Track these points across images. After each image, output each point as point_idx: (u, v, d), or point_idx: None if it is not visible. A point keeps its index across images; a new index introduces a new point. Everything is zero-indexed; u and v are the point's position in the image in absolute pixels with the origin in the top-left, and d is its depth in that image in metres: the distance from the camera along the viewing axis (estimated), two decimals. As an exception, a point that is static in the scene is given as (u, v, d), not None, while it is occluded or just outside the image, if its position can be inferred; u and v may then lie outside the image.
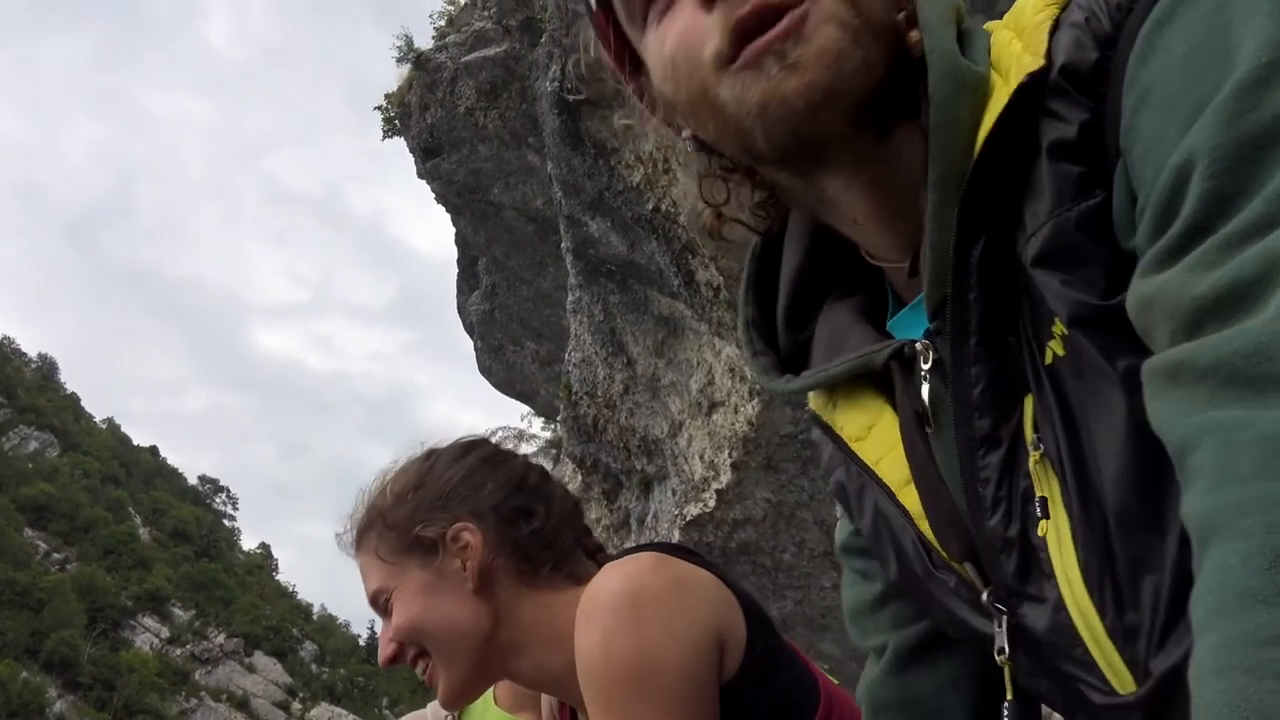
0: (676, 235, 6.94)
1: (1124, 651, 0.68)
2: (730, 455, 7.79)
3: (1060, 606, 0.71)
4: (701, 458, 8.31)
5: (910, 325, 0.82)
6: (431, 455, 1.41)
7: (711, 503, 8.23)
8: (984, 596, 0.77)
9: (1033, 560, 0.73)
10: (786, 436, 7.48)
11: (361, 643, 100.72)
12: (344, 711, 79.53)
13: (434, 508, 1.33)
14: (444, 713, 1.93)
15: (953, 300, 0.72)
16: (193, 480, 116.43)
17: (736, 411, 7.61)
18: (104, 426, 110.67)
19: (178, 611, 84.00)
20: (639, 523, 9.67)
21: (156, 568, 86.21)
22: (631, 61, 0.93)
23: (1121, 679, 0.69)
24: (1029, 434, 0.72)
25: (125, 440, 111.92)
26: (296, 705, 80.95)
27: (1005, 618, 0.76)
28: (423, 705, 2.12)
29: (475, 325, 15.57)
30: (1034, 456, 0.71)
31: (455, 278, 16.32)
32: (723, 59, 0.75)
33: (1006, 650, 0.76)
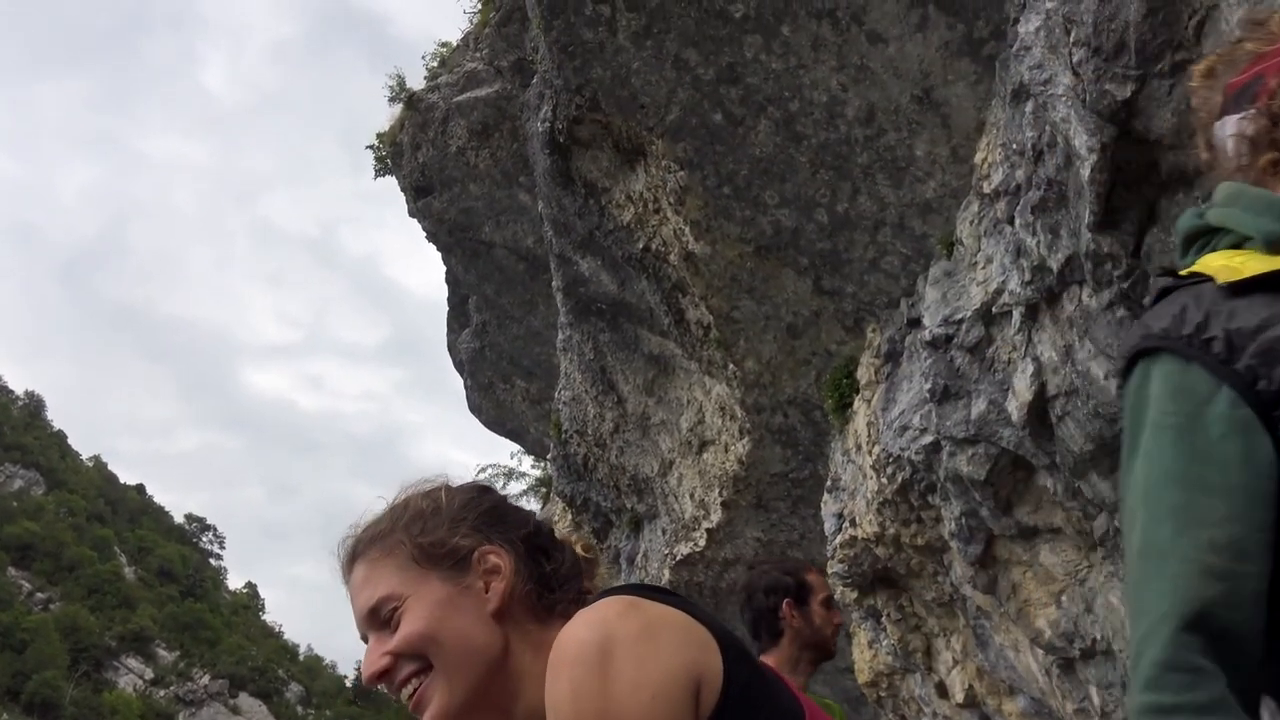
0: (667, 274, 6.98)
1: None
2: (721, 494, 7.77)
3: None
4: (692, 496, 8.29)
5: None
6: (452, 486, 1.40)
7: (702, 542, 8.20)
8: None
9: None
10: (777, 475, 7.47)
11: (348, 683, 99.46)
12: (330, 754, 78.37)
13: (469, 525, 1.32)
14: None
15: None
16: (179, 519, 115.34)
17: (727, 450, 7.60)
18: (90, 464, 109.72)
19: (162, 652, 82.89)
20: (629, 561, 9.62)
21: (141, 607, 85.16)
22: None
23: None
24: None
25: (111, 478, 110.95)
26: (281, 748, 79.76)
27: None
28: None
29: (465, 363, 15.56)
30: None
31: (446, 316, 16.34)
32: None
33: None
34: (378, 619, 1.31)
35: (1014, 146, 4.46)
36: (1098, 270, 3.97)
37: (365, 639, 1.34)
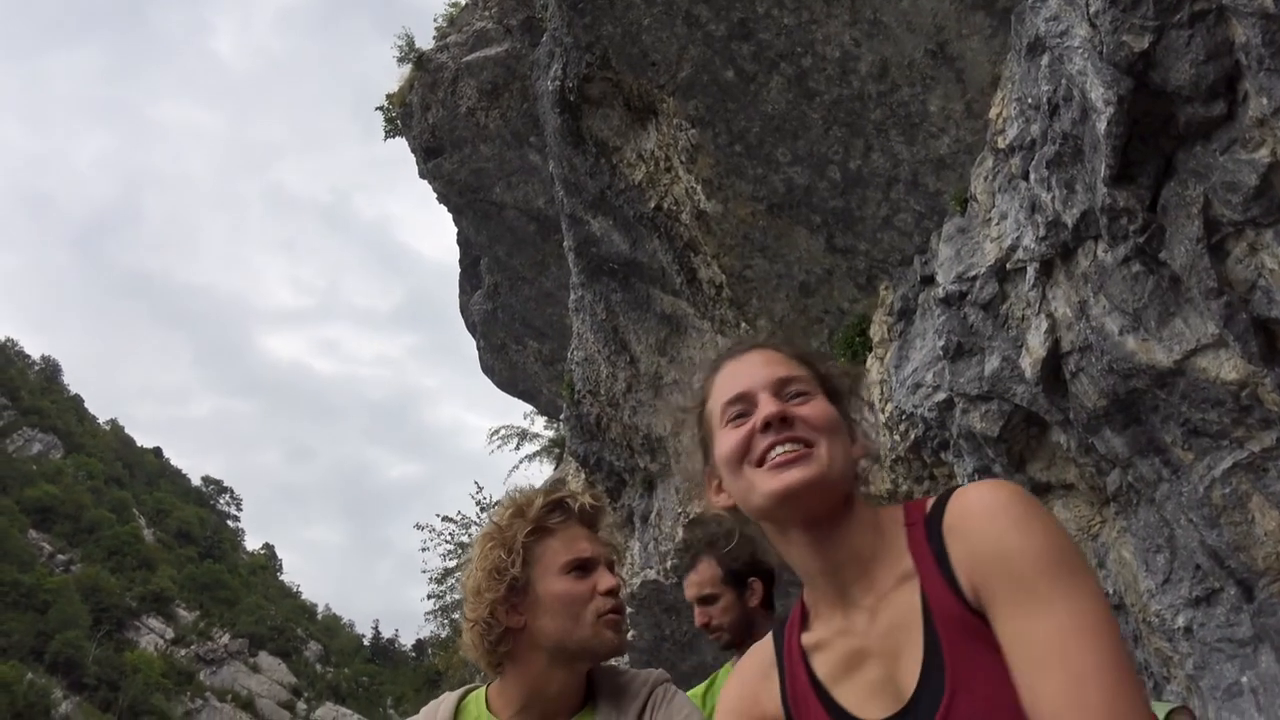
0: (678, 233, 6.95)
1: None
2: (733, 453, 7.80)
3: None
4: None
5: None
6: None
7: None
8: None
9: None
10: (789, 434, 7.49)
11: (365, 642, 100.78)
12: (349, 711, 79.56)
13: (846, 386, 1.56)
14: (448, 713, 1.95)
15: None
16: (196, 481, 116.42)
17: (739, 409, 7.62)
18: (107, 428, 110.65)
19: (182, 612, 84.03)
20: (642, 520, 9.68)
21: (160, 568, 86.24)
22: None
23: None
24: None
25: (129, 442, 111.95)
26: (301, 705, 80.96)
27: None
28: (426, 703, 2.13)
29: (477, 325, 15.58)
30: None
31: (458, 278, 16.34)
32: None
33: None
34: (784, 389, 1.50)
35: (1029, 100, 4.41)
36: (1113, 225, 3.94)
37: (747, 398, 1.52)
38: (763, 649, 1.58)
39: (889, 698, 1.32)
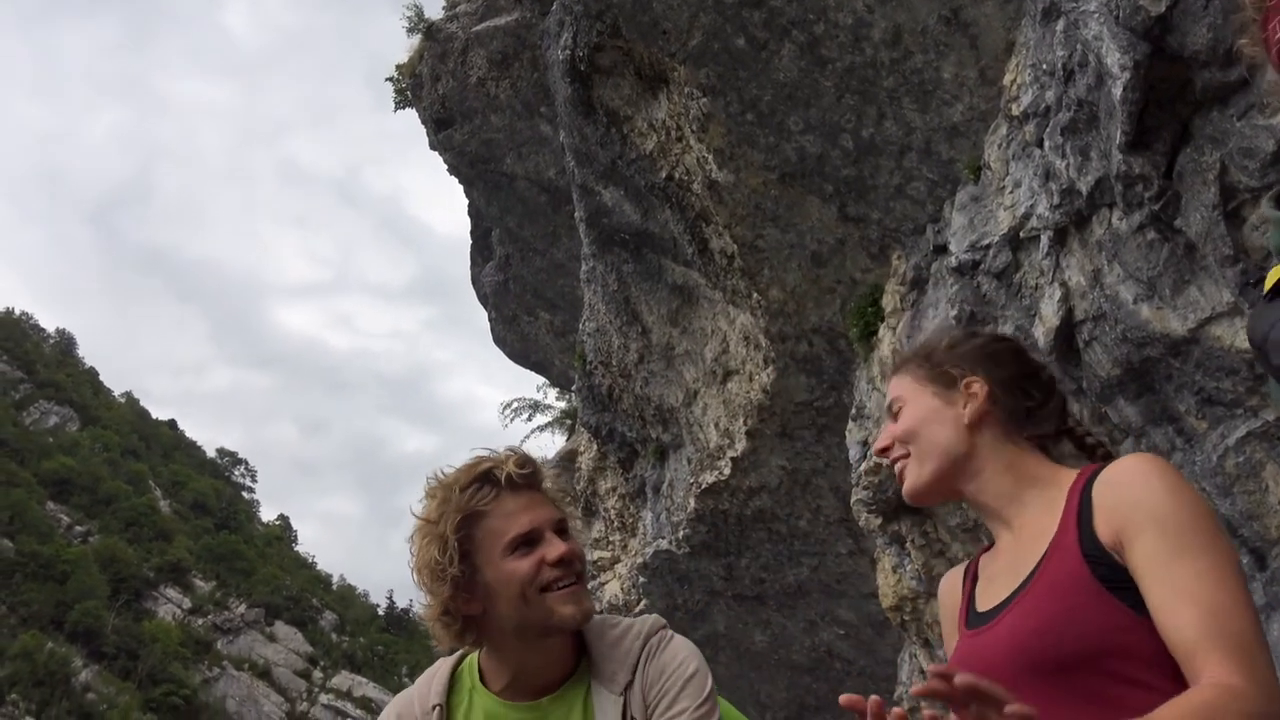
0: (690, 203, 6.93)
1: None
2: (745, 423, 7.81)
3: None
4: (716, 426, 8.33)
5: None
6: (976, 332, 1.95)
7: (727, 471, 8.26)
8: None
9: None
10: (801, 404, 7.48)
11: (380, 612, 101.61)
12: (365, 679, 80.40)
13: (963, 360, 1.80)
14: (430, 701, 1.96)
15: None
16: (211, 454, 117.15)
17: (751, 379, 7.62)
18: (122, 400, 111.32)
19: (199, 582, 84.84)
20: (654, 491, 9.72)
21: (177, 539, 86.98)
22: None
23: None
24: None
25: (144, 414, 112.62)
26: (318, 673, 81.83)
27: None
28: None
29: (489, 296, 15.59)
30: None
31: (470, 250, 16.33)
32: None
33: None
34: (890, 411, 1.84)
35: (1044, 67, 4.37)
36: (1128, 192, 3.91)
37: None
38: (958, 570, 1.92)
39: (992, 602, 1.66)
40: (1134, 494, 1.52)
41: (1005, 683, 1.34)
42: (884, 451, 1.82)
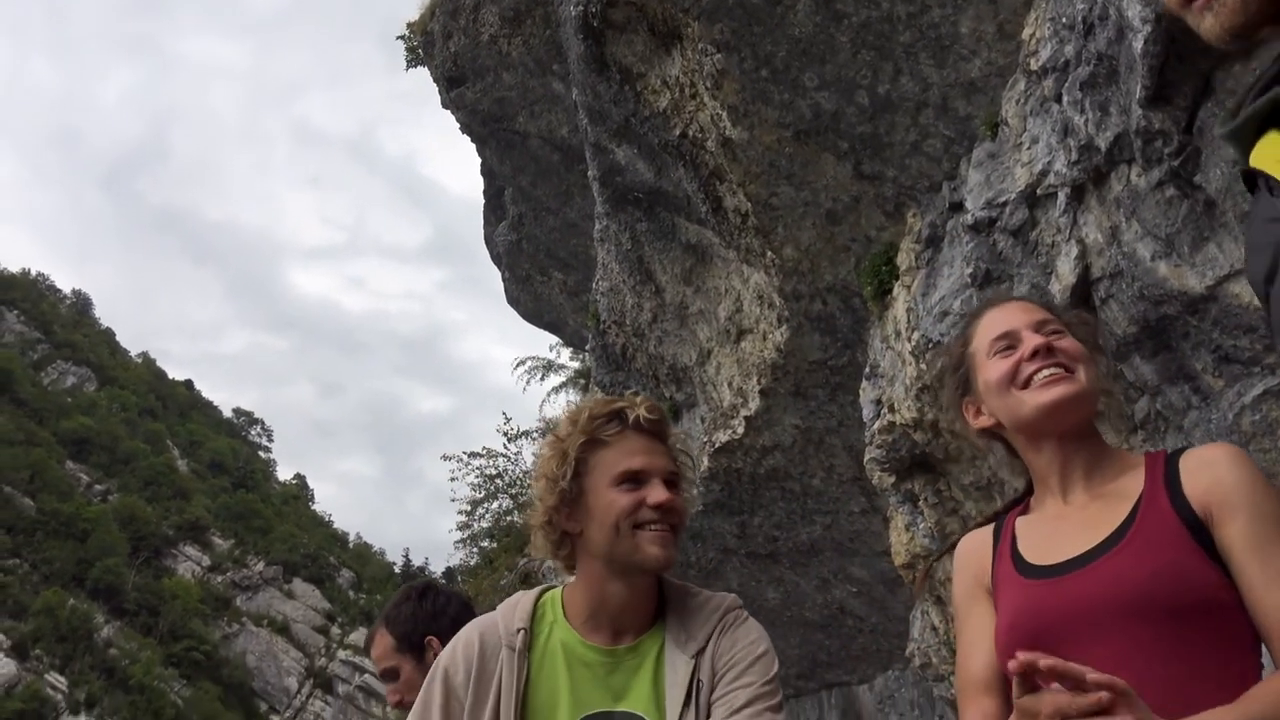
0: (704, 161, 6.88)
1: None
2: (759, 382, 7.81)
3: None
4: (730, 385, 8.34)
5: None
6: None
7: (740, 430, 8.28)
8: None
9: None
10: (815, 363, 7.48)
11: (397, 570, 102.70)
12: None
13: (1083, 323, 1.98)
14: (515, 625, 2.00)
15: None
16: (227, 413, 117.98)
17: (765, 338, 7.61)
18: (139, 361, 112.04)
19: (217, 540, 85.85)
20: (668, 450, 9.74)
21: (195, 498, 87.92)
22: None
23: None
24: None
25: (160, 374, 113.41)
26: (335, 630, 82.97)
27: None
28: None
29: (502, 256, 15.57)
30: None
31: (483, 209, 16.28)
32: None
33: None
34: (1043, 328, 1.89)
35: (1063, 20, 4.30)
36: (1148, 148, 3.87)
37: (1012, 335, 1.90)
38: (981, 531, 1.96)
39: (1060, 555, 1.70)
40: (1232, 475, 1.62)
41: (1105, 624, 1.54)
42: (1038, 353, 1.85)
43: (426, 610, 3.15)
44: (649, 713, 1.96)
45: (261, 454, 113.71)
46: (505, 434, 21.84)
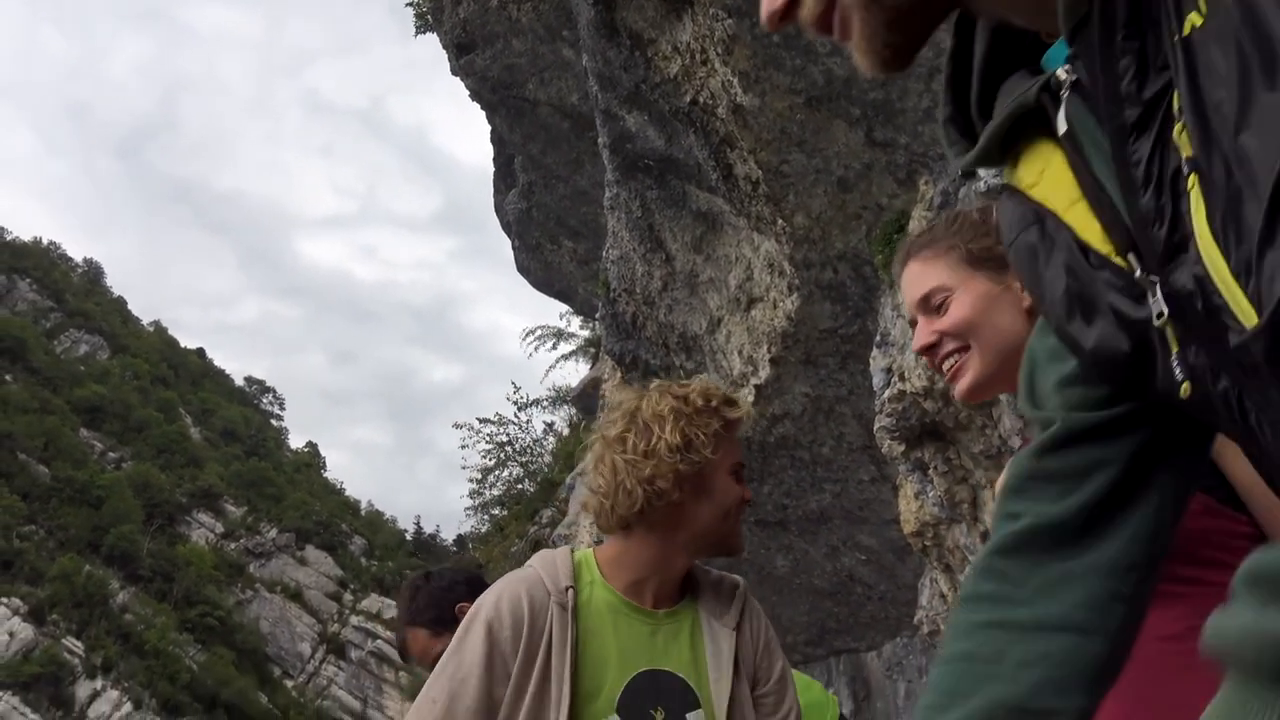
0: (715, 128, 6.85)
1: (1245, 287, 0.74)
2: (769, 350, 7.81)
3: (1197, 259, 0.77)
4: (740, 353, 8.34)
5: (1058, 58, 0.91)
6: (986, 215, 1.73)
7: (750, 398, 8.29)
8: (1137, 274, 0.85)
9: (1178, 222, 0.79)
10: (826, 331, 7.47)
11: (408, 537, 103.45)
12: (393, 602, 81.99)
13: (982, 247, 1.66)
14: (563, 583, 2.05)
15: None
16: (239, 382, 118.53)
17: (775, 307, 7.60)
18: (151, 329, 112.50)
19: (230, 507, 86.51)
20: (678, 418, 9.76)
21: (208, 465, 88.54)
22: None
23: (1247, 314, 0.74)
24: (1175, 108, 0.78)
25: (172, 343, 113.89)
26: (348, 596, 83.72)
27: (1158, 285, 0.83)
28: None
29: (512, 224, 15.55)
30: (1178, 127, 0.77)
31: (493, 177, 16.24)
32: None
33: (1165, 312, 0.83)
34: (929, 304, 1.67)
35: (1079, -16, 4.25)
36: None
37: (913, 322, 1.71)
38: None
39: None
40: None
41: None
42: (930, 349, 1.67)
43: (441, 587, 3.18)
44: (689, 676, 2.05)
45: (273, 422, 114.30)
46: (515, 403, 21.93)
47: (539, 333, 20.82)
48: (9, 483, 70.08)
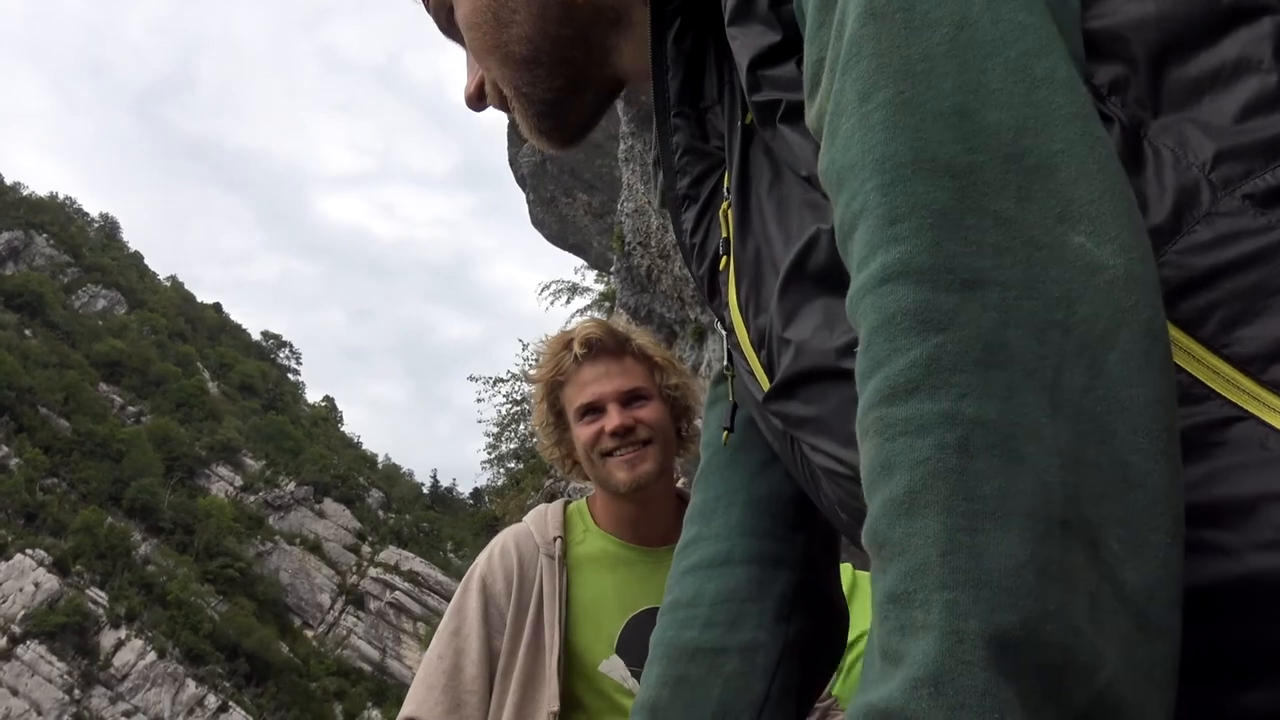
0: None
1: (760, 355, 0.79)
2: (784, 304, 7.78)
3: (731, 328, 0.84)
4: (755, 307, 8.32)
5: None
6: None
7: (765, 351, 8.28)
8: (718, 326, 0.92)
9: (721, 295, 0.86)
10: (841, 284, 7.44)
11: (425, 490, 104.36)
12: (411, 554, 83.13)
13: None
14: (551, 533, 2.09)
15: (654, 79, 0.82)
16: (256, 336, 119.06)
17: (791, 260, 7.57)
18: (168, 284, 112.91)
19: (249, 461, 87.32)
20: (694, 370, 9.77)
21: (226, 420, 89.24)
22: None
23: (763, 381, 0.80)
24: (725, 187, 0.82)
25: (189, 298, 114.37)
26: (366, 548, 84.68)
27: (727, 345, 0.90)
28: (483, 548, 2.22)
29: (527, 178, 15.47)
30: (724, 205, 0.81)
31: (506, 131, 16.13)
32: None
33: (729, 362, 0.91)
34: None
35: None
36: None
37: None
38: None
39: None
40: None
41: None
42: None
43: None
44: None
45: (290, 376, 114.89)
46: (527, 359, 21.98)
47: (554, 287, 20.79)
48: (31, 436, 70.90)
